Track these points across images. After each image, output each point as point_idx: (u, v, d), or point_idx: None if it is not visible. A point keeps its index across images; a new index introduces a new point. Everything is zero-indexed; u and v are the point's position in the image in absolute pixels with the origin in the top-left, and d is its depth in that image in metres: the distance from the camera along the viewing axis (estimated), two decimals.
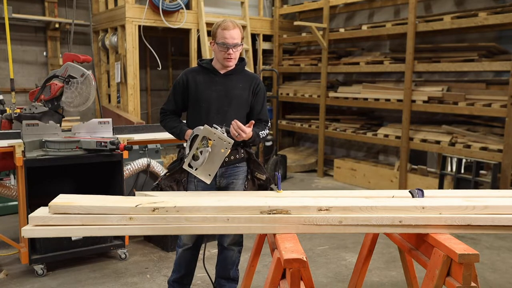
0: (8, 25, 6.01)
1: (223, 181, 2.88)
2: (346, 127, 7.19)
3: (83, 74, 3.66)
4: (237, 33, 2.77)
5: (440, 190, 5.21)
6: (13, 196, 3.89)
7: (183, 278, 3.06)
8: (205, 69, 2.89)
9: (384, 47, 7.27)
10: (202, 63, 2.93)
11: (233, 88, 2.85)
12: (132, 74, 6.73)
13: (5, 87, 6.69)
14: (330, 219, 2.19)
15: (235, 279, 3.14)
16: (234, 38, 2.75)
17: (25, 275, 3.63)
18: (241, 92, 2.86)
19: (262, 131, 2.88)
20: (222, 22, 2.79)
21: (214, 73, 2.86)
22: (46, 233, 2.14)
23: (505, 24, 5.30)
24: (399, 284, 3.57)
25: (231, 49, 2.75)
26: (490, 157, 5.23)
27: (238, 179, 2.90)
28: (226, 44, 2.73)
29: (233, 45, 2.75)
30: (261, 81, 2.99)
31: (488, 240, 4.49)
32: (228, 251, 3.05)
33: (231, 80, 2.86)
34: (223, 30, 2.75)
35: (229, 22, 2.78)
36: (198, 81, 2.86)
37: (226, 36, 2.73)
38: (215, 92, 2.83)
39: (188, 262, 3.04)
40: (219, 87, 2.84)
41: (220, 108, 2.82)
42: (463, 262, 1.98)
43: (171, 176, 2.86)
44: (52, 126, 3.62)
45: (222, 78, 2.85)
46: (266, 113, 2.99)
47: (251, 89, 2.89)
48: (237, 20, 7.46)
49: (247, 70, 2.99)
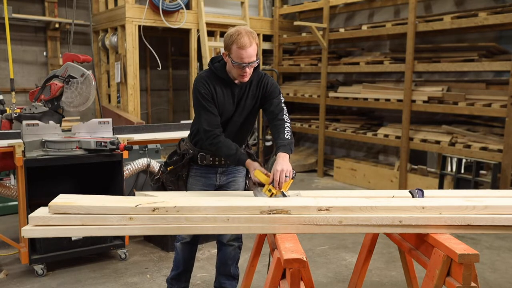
0: (8, 25, 6.01)
1: (223, 179, 2.90)
2: (346, 127, 7.19)
3: (83, 74, 3.66)
4: (254, 50, 2.52)
5: (440, 190, 5.21)
6: (13, 196, 3.89)
7: (181, 275, 3.06)
8: (219, 77, 2.71)
9: (384, 47, 7.27)
10: (216, 70, 2.71)
11: (245, 98, 2.74)
12: (132, 74, 6.73)
13: (5, 87, 6.70)
14: (330, 219, 2.19)
15: (235, 277, 3.14)
16: (251, 57, 2.51)
17: (25, 275, 3.63)
18: (251, 102, 2.76)
19: (287, 134, 2.65)
20: (238, 38, 2.48)
21: (226, 81, 2.70)
22: (46, 233, 2.14)
23: (505, 24, 5.30)
24: (399, 284, 3.57)
25: (247, 68, 2.55)
26: (490, 157, 5.23)
27: (238, 177, 2.92)
28: (242, 64, 2.52)
29: (250, 63, 2.53)
30: (268, 78, 2.78)
31: (488, 240, 4.49)
32: (228, 247, 3.04)
33: (241, 89, 2.73)
34: (239, 49, 2.48)
35: (246, 38, 2.48)
36: (217, 92, 2.70)
37: (243, 56, 2.49)
38: (230, 104, 2.72)
39: (187, 257, 3.04)
40: (234, 99, 2.72)
41: (231, 118, 2.76)
42: (463, 262, 1.97)
43: (173, 171, 2.84)
44: (52, 126, 3.62)
45: (236, 87, 2.72)
46: (283, 112, 2.73)
47: (261, 94, 2.75)
48: (237, 20, 7.50)
49: (259, 72, 2.81)
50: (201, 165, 2.85)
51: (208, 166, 2.85)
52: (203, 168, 2.86)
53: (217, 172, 2.87)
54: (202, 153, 2.82)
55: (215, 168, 2.86)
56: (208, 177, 2.88)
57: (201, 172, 2.87)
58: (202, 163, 2.84)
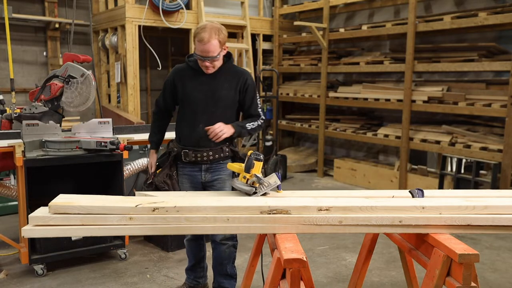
0: (8, 25, 6.02)
1: (208, 176, 2.96)
2: (346, 127, 7.19)
3: (83, 74, 3.66)
4: (213, 47, 2.67)
5: (440, 190, 5.21)
6: (13, 196, 3.89)
7: (195, 266, 3.27)
8: (192, 68, 2.88)
9: (384, 47, 7.27)
10: (189, 61, 2.92)
11: (220, 88, 2.84)
12: (132, 74, 6.73)
13: (5, 87, 6.70)
14: (330, 219, 2.19)
15: (233, 276, 3.16)
16: (209, 52, 2.68)
17: (25, 275, 3.63)
18: (227, 93, 2.86)
19: (250, 123, 2.89)
20: (200, 32, 2.68)
21: (200, 73, 2.85)
22: (46, 233, 2.14)
23: (505, 24, 5.30)
24: (399, 284, 3.57)
25: (207, 62, 2.72)
26: (490, 157, 5.23)
27: (222, 174, 2.97)
28: (201, 57, 2.72)
29: (208, 58, 2.71)
30: (250, 76, 2.95)
31: (488, 240, 4.49)
32: (222, 246, 3.08)
33: (217, 80, 2.85)
34: (198, 42, 2.69)
35: (206, 34, 2.66)
36: (185, 82, 2.88)
37: (201, 50, 2.69)
38: (201, 93, 2.84)
39: (195, 251, 3.23)
40: (205, 88, 2.84)
41: (207, 109, 2.85)
42: (463, 262, 1.97)
43: (163, 172, 2.97)
44: (52, 126, 3.62)
45: (208, 78, 2.84)
46: (257, 108, 2.97)
47: (239, 87, 2.88)
48: (237, 20, 7.50)
49: (235, 67, 2.98)
50: (185, 162, 2.95)
51: (192, 163, 2.94)
52: (188, 166, 2.96)
53: (201, 169, 2.95)
54: (185, 150, 2.92)
55: (199, 165, 2.94)
56: (193, 175, 2.97)
57: (187, 170, 2.98)
58: (186, 160, 2.94)
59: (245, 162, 2.50)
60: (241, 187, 2.48)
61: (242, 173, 2.51)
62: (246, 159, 2.51)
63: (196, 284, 3.33)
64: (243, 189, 2.48)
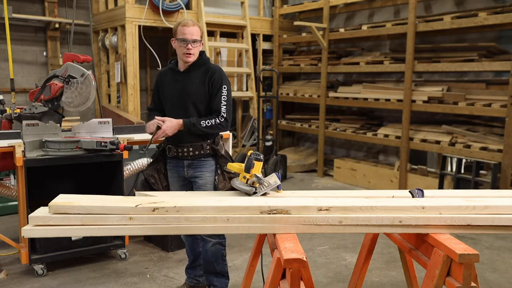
0: (8, 25, 6.02)
1: (191, 172, 3.05)
2: (346, 127, 7.19)
3: (83, 74, 3.66)
4: (196, 30, 2.94)
5: (440, 190, 5.21)
6: (13, 196, 3.89)
7: (195, 264, 3.33)
8: (172, 69, 3.08)
9: (384, 47, 7.27)
10: (170, 64, 3.11)
11: (191, 84, 2.98)
12: (132, 74, 6.73)
13: (5, 87, 6.70)
14: (330, 219, 2.19)
15: (223, 274, 3.18)
16: (193, 34, 2.92)
17: (25, 275, 3.63)
18: (198, 88, 2.98)
19: (206, 120, 2.92)
20: (183, 21, 2.98)
21: (177, 72, 3.04)
22: (46, 233, 2.14)
23: (505, 24, 5.30)
24: (399, 284, 3.57)
25: (190, 44, 2.90)
26: (490, 157, 5.23)
27: (204, 171, 3.04)
28: (185, 39, 2.89)
29: (192, 40, 2.91)
30: (219, 72, 3.02)
31: (488, 240, 4.49)
32: (207, 243, 3.10)
33: (189, 77, 3.00)
34: (182, 26, 2.93)
35: (189, 20, 2.99)
36: (165, 82, 3.08)
37: (185, 32, 2.91)
38: (175, 90, 3.01)
39: (192, 247, 3.27)
40: (179, 85, 3.01)
41: (182, 105, 2.99)
42: (463, 262, 1.97)
43: (152, 165, 3.13)
44: (52, 126, 3.62)
45: (182, 75, 3.01)
46: (219, 104, 2.97)
47: (207, 81, 2.99)
48: (237, 20, 7.53)
49: (210, 64, 3.08)
50: (170, 157, 3.09)
51: (175, 158, 3.06)
52: (173, 161, 3.09)
53: (184, 165, 3.05)
54: (169, 145, 3.07)
55: (182, 161, 3.05)
56: (178, 170, 3.09)
57: (173, 166, 3.11)
58: (170, 155, 3.08)
59: (245, 162, 2.50)
60: (241, 187, 2.49)
61: (242, 173, 2.51)
62: (246, 159, 2.51)
63: (196, 283, 3.34)
64: (243, 189, 2.48)
